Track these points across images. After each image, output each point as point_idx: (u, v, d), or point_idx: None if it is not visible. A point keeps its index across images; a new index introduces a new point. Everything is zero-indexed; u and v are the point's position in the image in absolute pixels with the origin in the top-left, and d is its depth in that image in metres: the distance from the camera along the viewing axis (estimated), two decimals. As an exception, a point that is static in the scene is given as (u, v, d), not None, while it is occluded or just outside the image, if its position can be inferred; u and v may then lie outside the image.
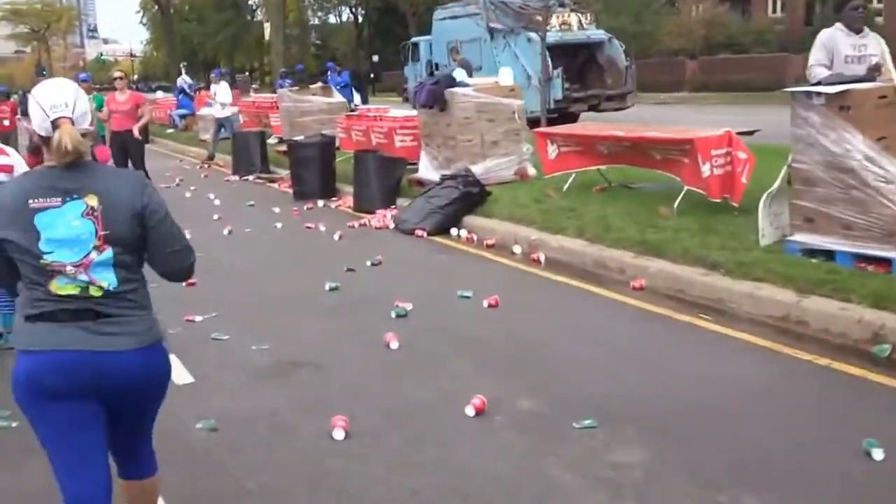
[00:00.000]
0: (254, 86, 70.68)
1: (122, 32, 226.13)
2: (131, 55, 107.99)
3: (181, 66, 68.24)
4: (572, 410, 4.99)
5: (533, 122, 15.45)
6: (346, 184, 13.86)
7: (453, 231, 10.48)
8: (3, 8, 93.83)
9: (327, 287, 8.00)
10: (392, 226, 11.01)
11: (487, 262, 9.20)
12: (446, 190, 10.72)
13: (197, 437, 4.94)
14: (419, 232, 10.38)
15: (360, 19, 68.59)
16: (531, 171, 12.33)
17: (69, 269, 2.86)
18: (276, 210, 12.53)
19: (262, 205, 13.21)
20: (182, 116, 27.19)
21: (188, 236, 3.33)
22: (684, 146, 9.11)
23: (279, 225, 11.39)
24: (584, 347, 6.25)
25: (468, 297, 7.58)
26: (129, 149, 12.64)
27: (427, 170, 12.56)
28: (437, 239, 10.30)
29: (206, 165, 19.24)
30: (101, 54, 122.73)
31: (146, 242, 3.04)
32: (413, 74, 29.22)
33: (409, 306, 7.24)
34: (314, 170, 13.59)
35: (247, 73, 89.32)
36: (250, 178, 16.30)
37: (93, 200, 2.88)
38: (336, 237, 10.46)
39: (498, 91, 12.19)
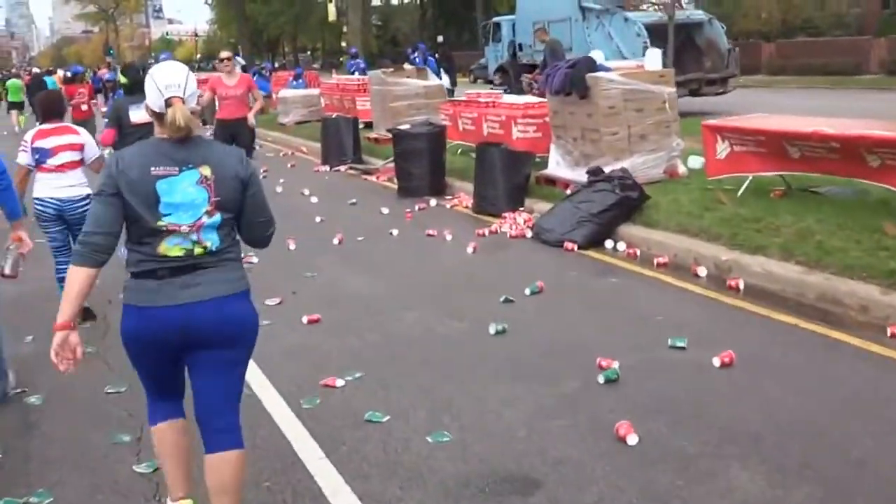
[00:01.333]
0: (314, 65, 69.28)
1: (186, 13, 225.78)
2: (195, 35, 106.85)
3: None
4: None
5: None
6: (456, 178, 11.89)
7: (608, 244, 8.45)
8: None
9: (492, 330, 6.01)
10: (529, 234, 8.99)
11: (669, 288, 7.14)
12: (599, 194, 8.65)
13: None
14: (569, 245, 8.35)
15: (424, 1, 66.23)
16: (681, 168, 10.23)
17: (184, 228, 3.12)
18: (385, 211, 10.56)
19: (365, 203, 11.25)
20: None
21: (292, 246, 5.66)
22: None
23: (395, 232, 9.40)
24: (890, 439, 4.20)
25: (683, 349, 5.56)
26: (240, 140, 10.70)
27: (559, 166, 10.50)
28: (591, 253, 8.28)
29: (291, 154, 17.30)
30: (167, 33, 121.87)
31: (241, 211, 3.28)
32: (494, 55, 27.07)
33: (615, 364, 5.23)
34: (423, 163, 11.59)
35: (308, 53, 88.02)
36: (342, 168, 14.34)
37: (206, 170, 3.16)
38: (469, 250, 8.45)
39: (647, 77, 10.05)
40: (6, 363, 5.08)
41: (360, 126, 15.75)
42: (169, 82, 3.17)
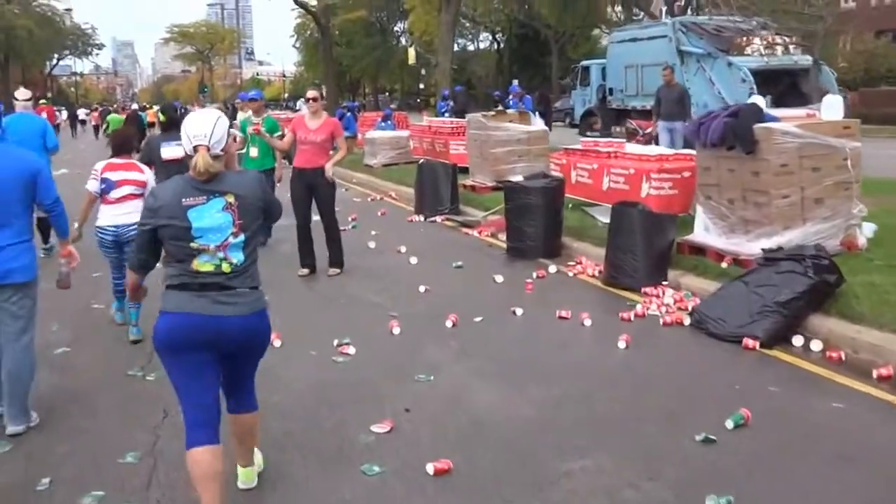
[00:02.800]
0: (392, 105, 67.96)
1: (275, 55, 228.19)
2: (283, 76, 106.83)
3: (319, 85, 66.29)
4: None
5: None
6: (572, 238, 9.70)
7: (796, 340, 6.16)
8: (172, 30, 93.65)
9: (712, 506, 3.77)
10: (687, 320, 6.73)
11: (917, 421, 4.83)
12: (785, 276, 6.36)
13: None
14: (749, 342, 6.07)
15: (501, 45, 64.40)
16: (861, 238, 7.88)
17: (212, 248, 3.49)
18: (499, 279, 8.39)
19: (473, 267, 9.10)
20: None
21: (396, 330, 6.14)
22: None
23: (518, 311, 7.20)
24: None
25: None
26: (317, 192, 8.72)
27: (709, 233, 8.24)
28: (779, 354, 6.02)
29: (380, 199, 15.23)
30: (257, 74, 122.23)
31: (263, 222, 3.71)
32: (582, 100, 24.94)
33: None
34: (537, 221, 9.41)
35: (386, 94, 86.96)
36: (438, 219, 12.23)
37: (230, 198, 3.53)
38: (620, 344, 6.23)
39: (827, 129, 7.74)
40: (30, 402, 5.02)
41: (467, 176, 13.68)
42: (196, 132, 3.54)
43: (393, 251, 9.99)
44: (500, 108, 19.40)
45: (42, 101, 42.30)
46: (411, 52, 62.66)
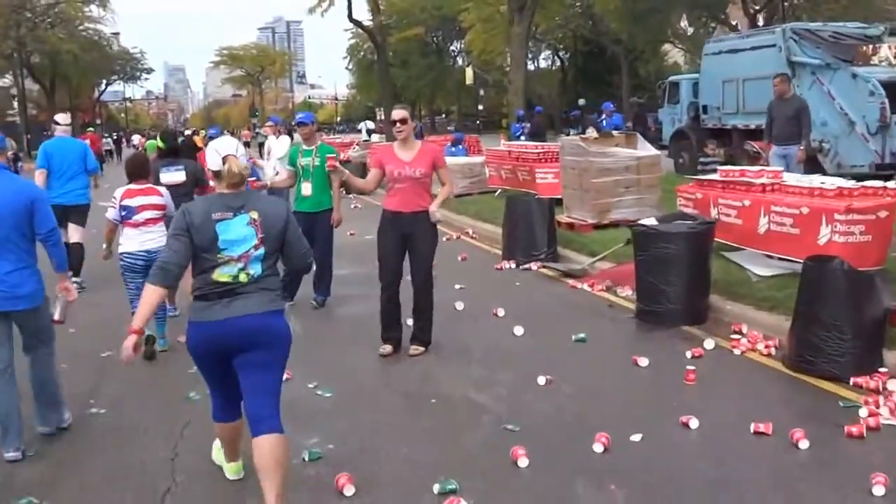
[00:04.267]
0: (449, 128, 66.31)
1: (327, 78, 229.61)
2: (335, 99, 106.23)
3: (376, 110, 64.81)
4: None
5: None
6: (717, 294, 7.62)
7: None
8: (221, 53, 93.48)
9: None
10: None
11: None
12: None
13: None
14: None
15: (566, 63, 62.40)
16: None
17: (234, 259, 3.86)
18: (643, 362, 6.31)
19: (599, 339, 7.08)
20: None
21: (523, 461, 4.54)
22: None
23: (693, 424, 5.09)
24: None
25: None
26: (414, 243, 6.72)
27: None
28: None
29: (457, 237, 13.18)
30: (309, 97, 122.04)
31: (284, 246, 4.05)
32: (671, 119, 22.66)
33: None
34: (681, 277, 7.35)
35: (443, 115, 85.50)
36: (533, 266, 10.19)
37: (255, 214, 3.93)
38: (877, 489, 4.10)
39: None
40: (62, 395, 5.41)
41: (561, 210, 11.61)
42: (225, 147, 4.08)
43: (488, 315, 7.98)
44: (585, 129, 17.41)
45: (89, 128, 41.69)
46: (468, 71, 61.18)
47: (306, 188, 8.46)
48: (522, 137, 20.37)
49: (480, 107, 72.12)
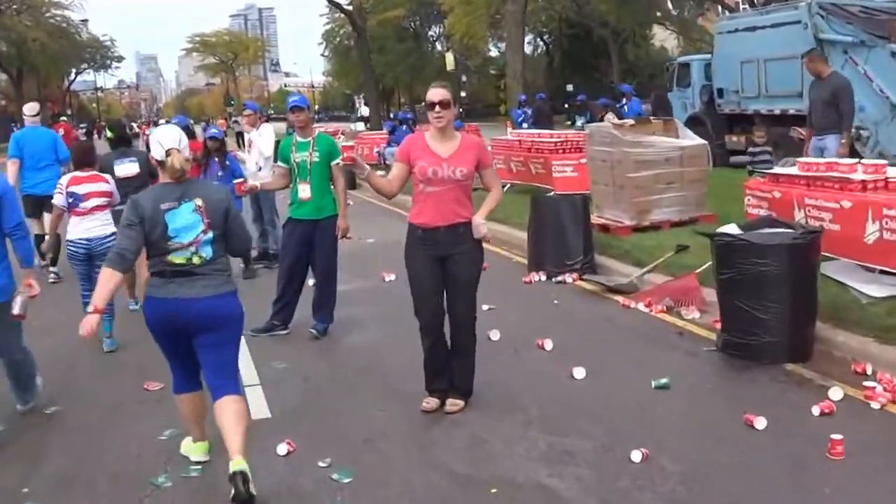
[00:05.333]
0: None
1: (302, 65, 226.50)
2: (312, 86, 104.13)
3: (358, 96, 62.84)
4: None
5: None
6: (829, 324, 6.10)
7: None
8: (193, 40, 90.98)
9: None
10: None
11: None
12: None
13: None
14: None
15: (550, 48, 60.74)
16: None
17: (185, 244, 4.11)
18: (760, 424, 4.75)
19: (684, 384, 5.55)
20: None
21: None
22: None
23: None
24: None
25: None
26: (454, 268, 5.07)
27: None
28: None
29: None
30: (284, 85, 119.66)
31: (226, 231, 4.26)
32: (682, 104, 21.09)
33: None
34: (779, 302, 5.81)
35: (423, 102, 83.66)
36: (568, 278, 8.65)
37: (199, 201, 4.17)
38: None
39: None
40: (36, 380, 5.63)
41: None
42: (168, 139, 4.19)
43: (531, 347, 6.43)
44: (594, 117, 15.82)
45: (62, 118, 40.13)
46: (449, 57, 59.36)
47: (304, 190, 6.88)
48: (524, 125, 18.81)
49: (463, 94, 70.44)
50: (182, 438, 4.78)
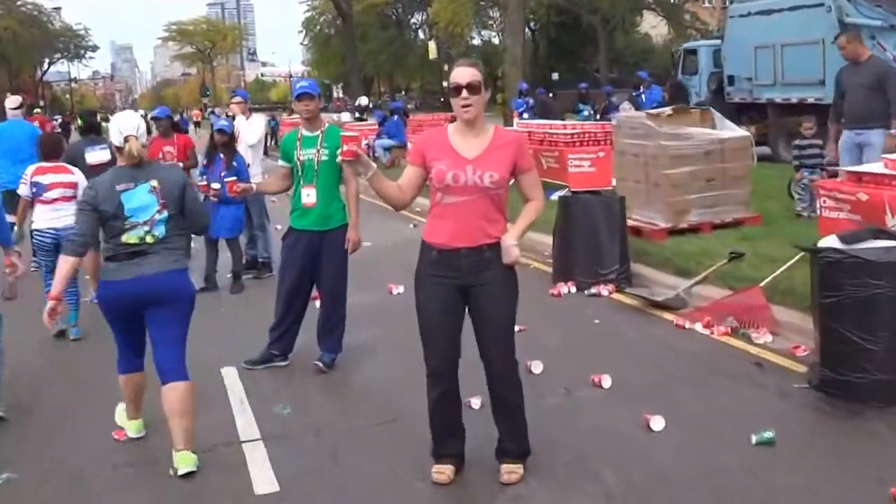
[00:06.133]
0: (409, 106, 63.30)
1: (281, 55, 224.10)
2: (289, 76, 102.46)
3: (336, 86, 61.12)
4: None
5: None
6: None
7: None
8: (170, 28, 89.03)
9: None
10: None
11: None
12: None
13: None
14: None
15: (536, 35, 59.54)
16: None
17: (140, 223, 4.27)
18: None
19: (789, 437, 4.44)
20: (387, 149, 18.85)
21: None
22: None
23: None
24: None
25: None
26: (480, 302, 3.93)
27: None
28: None
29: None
30: (261, 75, 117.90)
31: (184, 210, 4.41)
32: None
33: None
34: (890, 330, 4.75)
35: (403, 92, 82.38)
36: (603, 291, 7.56)
37: (154, 182, 4.33)
38: None
39: None
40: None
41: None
42: (127, 126, 4.36)
43: (586, 384, 5.33)
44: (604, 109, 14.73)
45: (36, 110, 38.99)
46: (431, 45, 58.19)
47: (308, 195, 5.74)
48: (526, 115, 17.71)
49: (445, 83, 69.29)
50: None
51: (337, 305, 5.90)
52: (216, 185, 7.52)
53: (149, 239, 4.27)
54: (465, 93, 3.82)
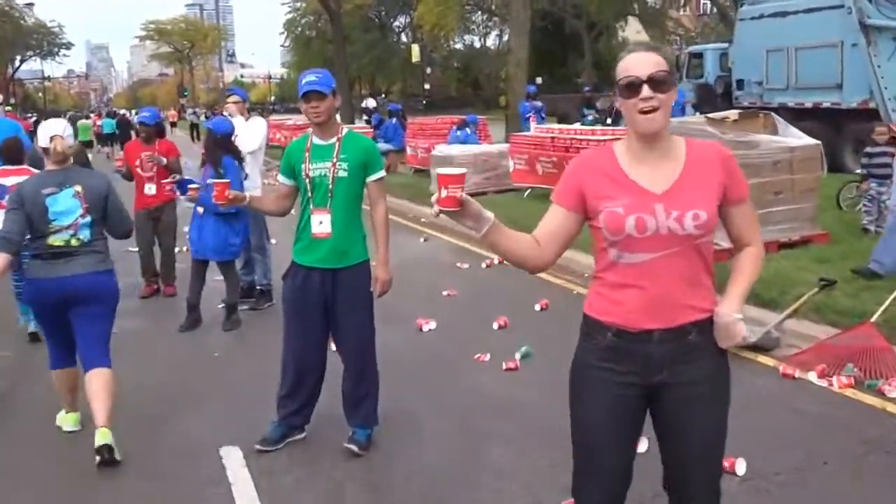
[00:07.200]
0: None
1: (260, 56, 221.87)
2: (269, 78, 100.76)
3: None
4: None
5: None
6: None
7: None
8: (147, 27, 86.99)
9: None
10: None
11: None
12: None
13: None
14: None
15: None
16: None
17: (65, 226, 4.35)
18: None
19: None
20: (384, 153, 17.49)
21: None
22: None
23: None
24: None
25: None
26: (686, 417, 2.50)
27: None
28: None
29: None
30: (241, 76, 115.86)
31: (106, 216, 4.52)
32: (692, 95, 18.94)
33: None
34: None
35: (383, 95, 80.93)
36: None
37: (78, 187, 4.40)
38: None
39: None
40: None
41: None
42: (53, 128, 4.50)
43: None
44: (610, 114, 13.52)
45: (7, 108, 37.43)
46: (415, 48, 57.10)
47: (321, 222, 4.23)
48: (534, 121, 16.51)
49: (427, 86, 68.04)
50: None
51: (366, 367, 4.43)
52: (194, 185, 6.00)
53: (74, 242, 4.37)
54: (646, 90, 2.37)
